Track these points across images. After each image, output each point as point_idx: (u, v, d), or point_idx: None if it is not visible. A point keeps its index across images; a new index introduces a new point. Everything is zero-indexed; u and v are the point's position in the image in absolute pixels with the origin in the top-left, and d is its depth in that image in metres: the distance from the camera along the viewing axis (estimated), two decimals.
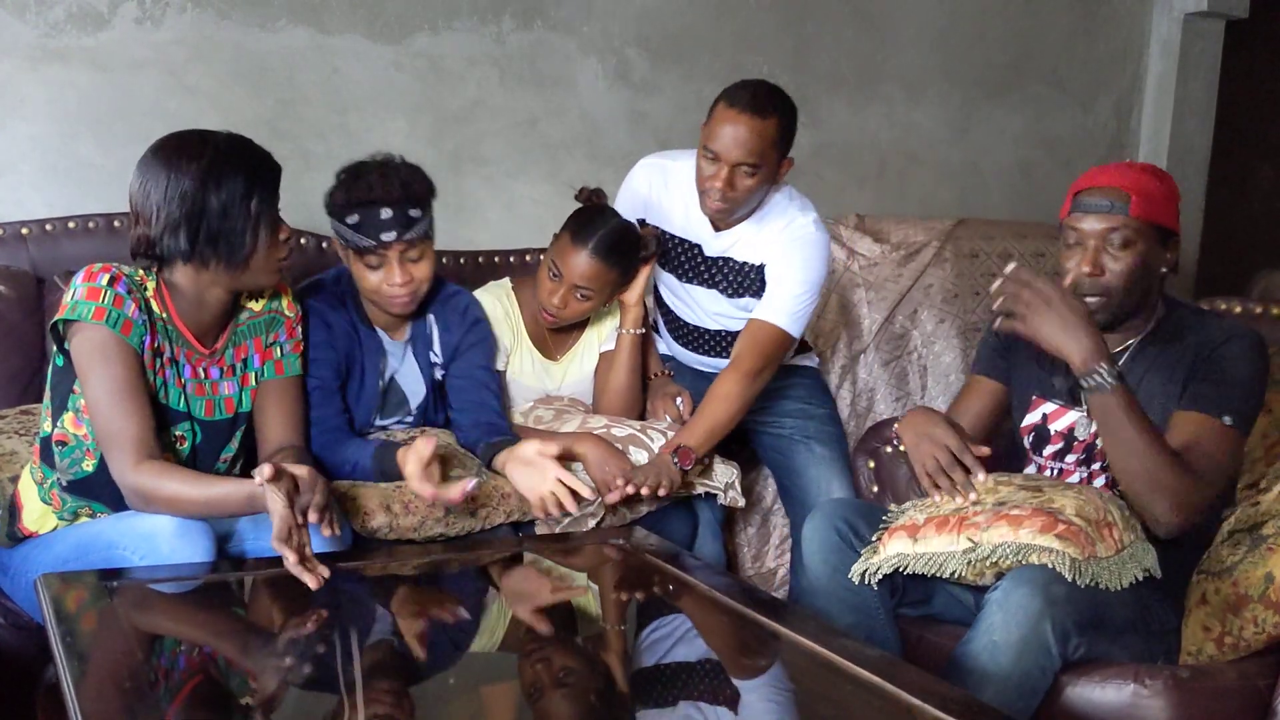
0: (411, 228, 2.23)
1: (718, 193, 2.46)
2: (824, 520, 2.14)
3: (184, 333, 2.03)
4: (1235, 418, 1.97)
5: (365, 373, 2.38)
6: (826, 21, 3.86)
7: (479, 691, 1.66)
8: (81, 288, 1.94)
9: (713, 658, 1.82)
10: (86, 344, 1.93)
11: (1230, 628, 1.93)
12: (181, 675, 1.62)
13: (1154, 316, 2.11)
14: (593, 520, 2.38)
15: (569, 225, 2.54)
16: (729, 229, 2.61)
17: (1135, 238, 2.00)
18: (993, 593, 1.88)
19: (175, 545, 1.88)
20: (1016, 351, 2.23)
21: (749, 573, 2.92)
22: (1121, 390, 1.90)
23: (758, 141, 2.42)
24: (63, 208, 2.85)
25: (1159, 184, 2.05)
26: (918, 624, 2.14)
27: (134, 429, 1.91)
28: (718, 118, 2.45)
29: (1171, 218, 2.06)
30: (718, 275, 2.66)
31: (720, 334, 2.76)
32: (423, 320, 2.45)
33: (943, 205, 4.10)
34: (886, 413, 3.28)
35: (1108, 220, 2.00)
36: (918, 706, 1.46)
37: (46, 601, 1.71)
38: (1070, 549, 1.84)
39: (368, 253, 2.24)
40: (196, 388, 2.06)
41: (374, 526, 2.14)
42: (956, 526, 1.95)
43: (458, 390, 2.45)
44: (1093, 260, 2.01)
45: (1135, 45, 4.55)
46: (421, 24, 3.24)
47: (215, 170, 1.94)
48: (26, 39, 2.83)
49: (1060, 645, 1.84)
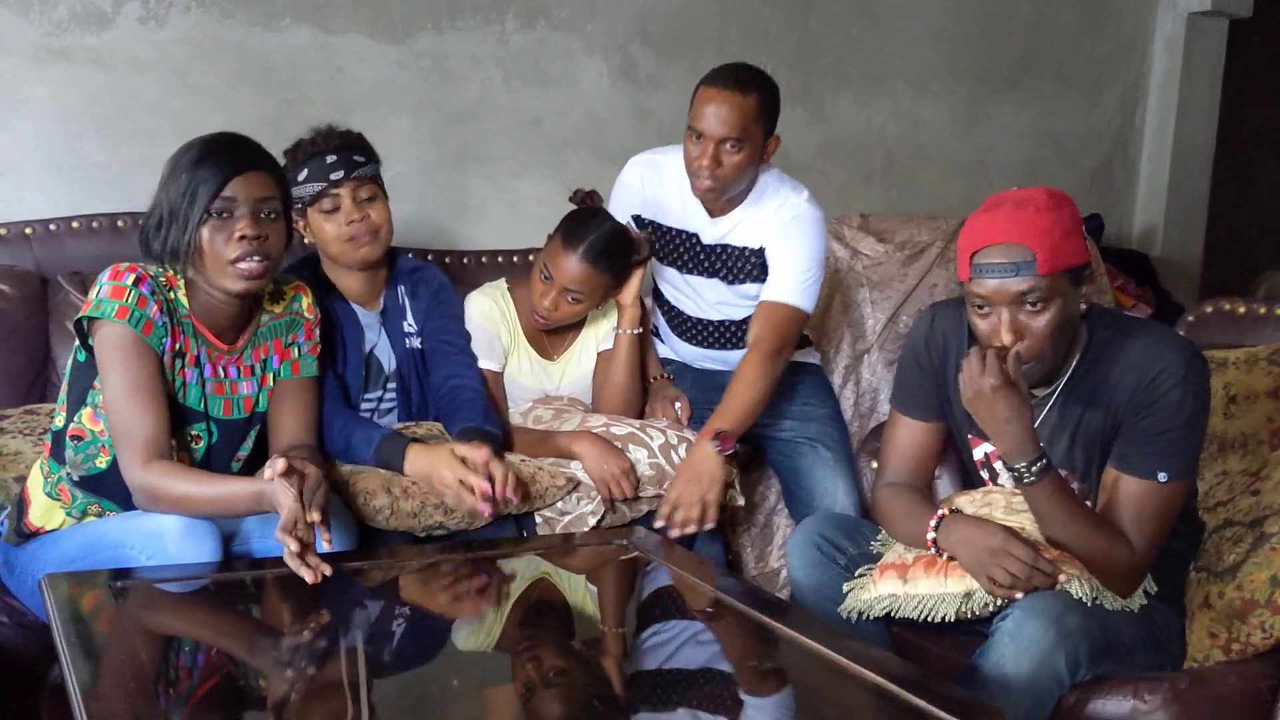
0: (358, 169, 2.34)
1: (706, 171, 2.48)
2: (804, 537, 2.14)
3: (203, 331, 2.04)
4: (1171, 471, 1.89)
5: (348, 348, 2.41)
6: (831, 17, 3.85)
7: (482, 693, 1.66)
8: (107, 286, 1.95)
9: (714, 658, 1.82)
10: (107, 342, 1.94)
11: (1237, 634, 1.92)
12: (187, 675, 1.63)
13: (1076, 349, 1.98)
14: (593, 519, 2.39)
15: (561, 228, 2.54)
16: (724, 215, 2.63)
17: (1049, 294, 1.84)
18: (1003, 622, 1.85)
19: (182, 545, 1.88)
20: (946, 385, 2.11)
21: (752, 573, 2.92)
22: (1049, 482, 1.86)
23: (739, 116, 2.45)
24: (67, 207, 2.85)
25: (1057, 221, 1.84)
26: (916, 633, 2.11)
27: (147, 429, 1.92)
28: (700, 98, 2.50)
29: (1079, 253, 1.87)
30: (718, 263, 2.67)
31: (724, 324, 2.77)
32: (393, 290, 2.50)
33: (948, 201, 4.09)
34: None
35: (1016, 284, 1.83)
36: (921, 707, 1.46)
37: (52, 601, 1.72)
38: (1073, 570, 1.85)
39: (321, 198, 2.33)
40: (215, 386, 2.07)
41: (377, 506, 2.16)
42: (944, 569, 1.94)
43: (433, 356, 2.49)
44: (1011, 328, 1.86)
45: (1140, 42, 4.54)
46: (425, 23, 3.23)
47: (177, 169, 1.96)
48: (30, 38, 2.83)
49: (1071, 675, 1.83)
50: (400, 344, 2.48)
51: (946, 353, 2.10)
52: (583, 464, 2.40)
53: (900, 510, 2.08)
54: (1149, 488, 1.90)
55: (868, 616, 2.02)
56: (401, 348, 2.48)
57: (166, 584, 1.85)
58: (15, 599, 2.11)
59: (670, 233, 2.70)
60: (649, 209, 2.72)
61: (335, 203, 2.34)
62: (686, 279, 2.73)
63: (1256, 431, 2.24)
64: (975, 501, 2.04)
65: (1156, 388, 1.89)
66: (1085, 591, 1.83)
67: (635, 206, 2.72)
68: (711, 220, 2.64)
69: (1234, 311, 2.63)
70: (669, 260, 2.74)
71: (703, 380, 2.82)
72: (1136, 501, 1.90)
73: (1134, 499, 1.90)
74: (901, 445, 2.17)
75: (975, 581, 1.89)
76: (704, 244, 2.67)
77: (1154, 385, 1.89)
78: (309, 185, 2.34)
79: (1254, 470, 2.18)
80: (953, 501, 2.05)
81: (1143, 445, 1.90)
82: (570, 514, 2.37)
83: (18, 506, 2.11)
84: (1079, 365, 1.98)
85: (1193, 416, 1.90)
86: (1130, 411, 1.92)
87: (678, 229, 2.69)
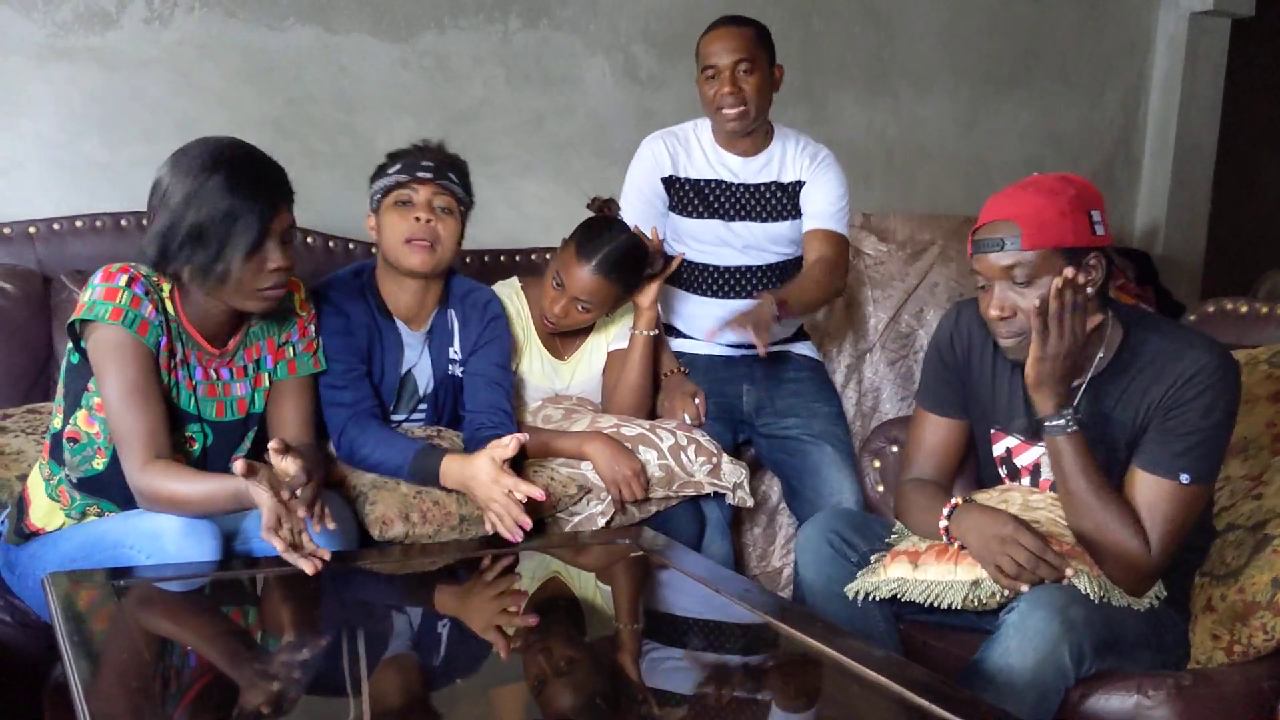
0: (447, 180, 2.32)
1: (729, 99, 2.68)
2: (816, 532, 2.13)
3: (193, 335, 2.04)
4: (1194, 474, 1.89)
5: (385, 366, 2.38)
6: (834, 17, 3.86)
7: (488, 692, 1.66)
8: (99, 287, 1.94)
9: (720, 658, 1.82)
10: (102, 344, 1.93)
11: (1239, 636, 1.92)
12: (188, 674, 1.63)
13: (1106, 344, 1.98)
14: (602, 519, 2.38)
15: (576, 237, 2.54)
16: (754, 156, 2.81)
17: (1035, 272, 1.87)
18: (1009, 614, 1.86)
19: (182, 544, 1.89)
20: (969, 381, 2.14)
21: (754, 572, 2.92)
22: (1077, 437, 1.87)
23: (743, 42, 2.69)
24: (69, 207, 2.86)
25: (1052, 201, 1.87)
26: (923, 630, 2.13)
27: (144, 428, 1.92)
28: (704, 44, 2.73)
29: (1075, 235, 1.87)
30: (754, 202, 2.82)
31: (751, 270, 2.86)
32: (444, 314, 2.45)
33: (950, 200, 4.09)
34: (892, 412, 3.28)
35: (1002, 258, 1.89)
36: (925, 707, 1.46)
37: (54, 600, 1.72)
38: (1082, 566, 1.84)
39: (400, 188, 2.30)
40: (208, 389, 2.07)
41: (392, 535, 2.14)
42: (954, 556, 1.94)
43: (470, 386, 2.44)
44: (999, 304, 1.91)
45: (1142, 41, 4.54)
46: (428, 23, 3.24)
47: (203, 190, 1.90)
48: (34, 38, 2.83)
49: (1076, 668, 1.83)
50: (442, 368, 2.45)
51: (970, 350, 2.13)
52: (594, 465, 2.40)
53: (920, 503, 2.10)
54: (1171, 488, 1.89)
55: (873, 597, 2.02)
56: (443, 372, 2.45)
57: (168, 583, 1.85)
58: (17, 598, 2.11)
59: (701, 184, 2.80)
60: (678, 167, 2.81)
61: (411, 197, 2.31)
62: (726, 225, 2.81)
63: (1257, 436, 2.24)
64: (993, 499, 2.04)
65: (1188, 389, 1.89)
66: (1094, 590, 1.83)
67: (655, 184, 2.80)
68: (744, 161, 2.81)
69: (1235, 311, 2.63)
70: (703, 213, 2.80)
71: (712, 372, 2.84)
72: (1157, 501, 1.90)
73: (1155, 498, 1.90)
74: (925, 441, 2.19)
75: (984, 570, 1.89)
76: (742, 183, 2.80)
77: (1186, 386, 1.89)
78: (393, 175, 2.31)
79: (1255, 475, 2.18)
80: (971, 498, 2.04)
81: (1168, 445, 1.90)
82: (580, 515, 2.37)
83: (18, 507, 2.11)
84: (1110, 364, 1.98)
85: (1221, 421, 1.91)
86: (1160, 411, 1.92)
87: (710, 179, 2.81)
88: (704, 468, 2.49)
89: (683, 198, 2.80)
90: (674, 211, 2.81)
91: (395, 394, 2.41)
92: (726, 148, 2.80)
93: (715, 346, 2.86)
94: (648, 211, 2.77)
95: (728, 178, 2.81)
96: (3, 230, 2.75)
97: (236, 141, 1.99)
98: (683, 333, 2.92)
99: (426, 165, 2.31)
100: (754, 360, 2.79)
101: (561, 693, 1.60)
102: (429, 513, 2.17)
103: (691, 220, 2.81)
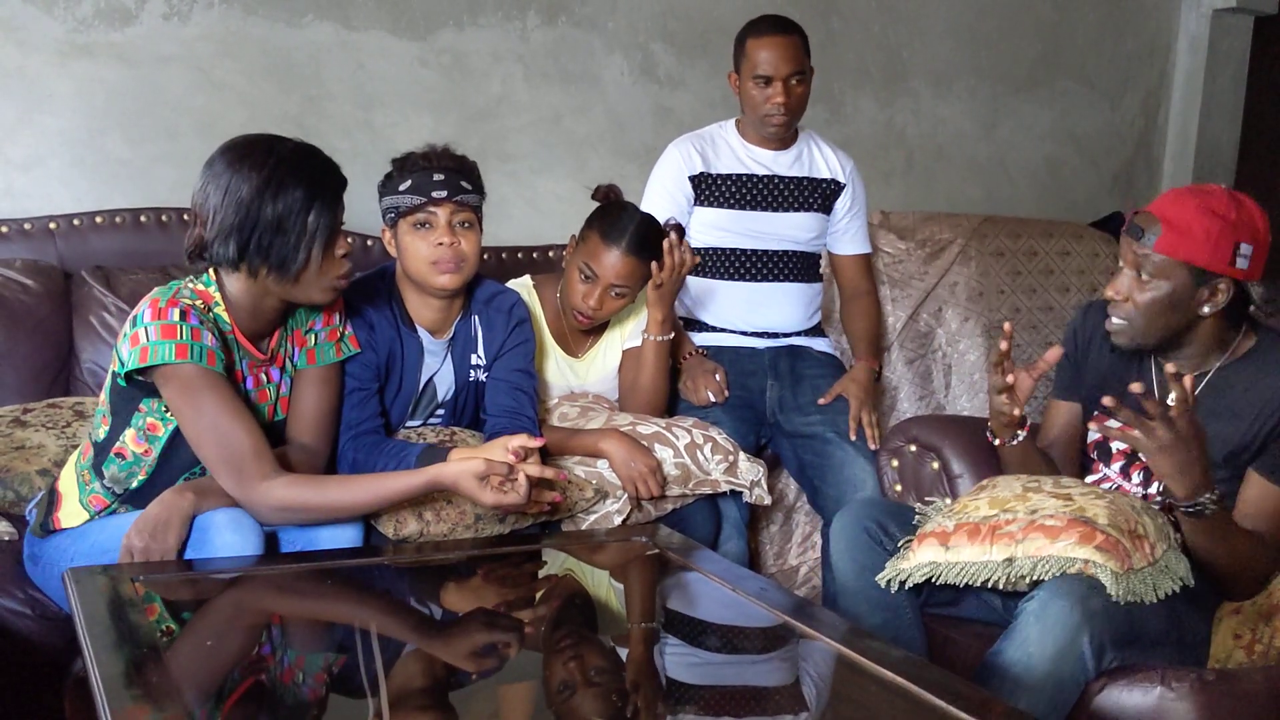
0: (462, 193, 2.25)
1: (778, 108, 2.78)
2: (853, 520, 2.13)
3: (245, 344, 2.03)
4: None
5: (405, 375, 2.35)
6: (853, 16, 3.85)
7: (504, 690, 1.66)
8: (153, 327, 1.90)
9: (736, 657, 1.82)
10: (174, 383, 1.91)
11: (1261, 635, 1.92)
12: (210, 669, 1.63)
13: (1233, 347, 2.04)
14: (618, 518, 2.38)
15: (596, 226, 2.53)
16: (786, 150, 2.92)
17: (1157, 273, 1.95)
18: (1028, 603, 1.85)
19: (227, 538, 1.88)
20: (1087, 368, 2.22)
21: (771, 570, 2.91)
22: (1218, 516, 1.87)
23: (796, 52, 2.79)
24: (90, 203, 2.87)
25: (1207, 220, 1.92)
26: (945, 624, 2.12)
27: (248, 448, 1.91)
28: (753, 47, 2.79)
29: (1210, 259, 1.92)
30: (787, 192, 2.92)
31: (778, 255, 2.95)
32: (467, 320, 2.41)
33: (969, 201, 4.08)
34: (910, 411, 3.27)
35: (1134, 248, 1.97)
36: (944, 709, 1.46)
37: (75, 593, 1.72)
38: (1110, 562, 1.83)
39: (418, 210, 2.24)
40: (259, 395, 2.07)
41: (406, 534, 2.14)
42: (989, 536, 1.92)
43: (492, 390, 2.41)
44: (1116, 286, 2.01)
45: (1163, 41, 4.52)
46: (446, 20, 3.24)
47: (275, 180, 1.91)
48: (55, 34, 2.85)
49: (1095, 660, 1.82)
50: (463, 375, 2.41)
51: (1090, 345, 2.24)
52: (610, 462, 2.40)
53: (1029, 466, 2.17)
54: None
55: (906, 585, 2.01)
56: (464, 379, 2.42)
57: (190, 578, 1.85)
58: (39, 591, 2.11)
59: (734, 179, 2.88)
60: (709, 164, 2.88)
61: (431, 220, 2.24)
62: (756, 215, 2.90)
63: None
64: (1043, 488, 2.02)
65: None
66: (1118, 590, 1.81)
67: (683, 185, 2.88)
68: (775, 155, 2.91)
69: None
70: (734, 204, 2.88)
71: (737, 364, 2.86)
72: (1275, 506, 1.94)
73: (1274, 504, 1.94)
74: (1049, 423, 2.31)
75: (1017, 549, 1.88)
76: (777, 175, 2.91)
77: None
78: (408, 197, 2.24)
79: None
80: (1015, 489, 2.03)
81: None
82: (596, 512, 2.36)
83: (48, 501, 2.11)
84: (1219, 376, 2.02)
85: None
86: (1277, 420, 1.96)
87: (743, 174, 2.89)
88: (720, 466, 2.48)
89: (713, 191, 2.88)
90: (702, 205, 2.88)
91: (410, 403, 2.39)
92: (758, 144, 2.90)
93: (738, 338, 2.91)
94: (673, 210, 2.83)
95: (760, 171, 2.90)
96: (24, 226, 2.77)
97: (279, 136, 2.00)
98: (708, 325, 2.93)
99: (439, 181, 2.24)
100: (777, 352, 2.90)
101: (577, 691, 1.60)
102: (443, 511, 2.17)
103: (722, 211, 2.88)
